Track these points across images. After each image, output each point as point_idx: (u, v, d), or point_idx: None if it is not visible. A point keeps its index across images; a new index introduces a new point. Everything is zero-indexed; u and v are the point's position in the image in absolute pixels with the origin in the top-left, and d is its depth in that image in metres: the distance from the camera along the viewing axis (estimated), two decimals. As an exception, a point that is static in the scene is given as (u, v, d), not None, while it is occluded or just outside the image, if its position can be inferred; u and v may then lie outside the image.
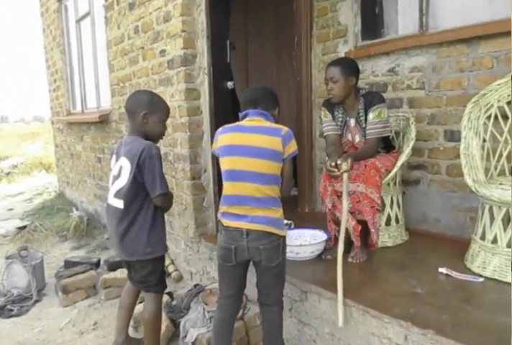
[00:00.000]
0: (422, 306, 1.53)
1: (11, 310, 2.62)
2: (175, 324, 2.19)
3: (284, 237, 1.62)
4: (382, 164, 2.10)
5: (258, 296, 1.73)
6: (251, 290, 2.17)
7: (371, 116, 2.10)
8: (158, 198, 1.71)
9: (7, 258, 2.91)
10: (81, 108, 4.74)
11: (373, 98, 2.12)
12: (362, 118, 2.16)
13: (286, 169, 1.62)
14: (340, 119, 2.26)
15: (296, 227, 2.52)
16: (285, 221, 2.59)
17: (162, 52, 2.78)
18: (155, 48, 2.87)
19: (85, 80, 4.61)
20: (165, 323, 2.14)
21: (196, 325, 2.07)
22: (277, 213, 1.60)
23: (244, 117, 1.69)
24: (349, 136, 2.27)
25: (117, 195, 1.73)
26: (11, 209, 5.72)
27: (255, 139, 1.56)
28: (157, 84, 2.90)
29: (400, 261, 2.01)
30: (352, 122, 2.22)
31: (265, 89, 1.76)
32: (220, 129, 1.69)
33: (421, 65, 2.37)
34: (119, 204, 1.72)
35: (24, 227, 4.32)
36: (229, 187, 1.60)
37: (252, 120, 1.65)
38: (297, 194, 3.31)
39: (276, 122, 1.70)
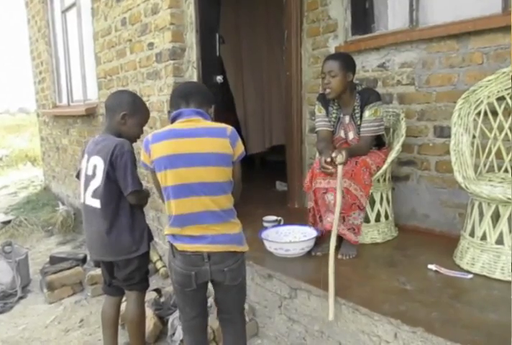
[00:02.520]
0: (412, 303, 1.53)
1: (-5, 307, 2.57)
2: (163, 322, 2.17)
3: (245, 251, 1.51)
4: (373, 161, 2.10)
5: (218, 312, 1.60)
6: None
7: (367, 113, 2.09)
8: (131, 196, 1.64)
9: (-8, 253, 2.85)
10: (67, 101, 4.64)
11: (370, 95, 2.10)
12: (358, 115, 2.14)
13: (236, 172, 1.46)
14: (334, 115, 2.23)
15: (286, 223, 2.50)
16: (275, 218, 2.60)
17: (150, 45, 2.73)
18: (143, 41, 2.81)
19: (72, 72, 4.51)
20: (152, 320, 2.12)
21: (185, 322, 2.05)
22: (237, 226, 1.48)
23: (175, 118, 1.43)
24: (342, 133, 2.25)
25: (94, 195, 1.67)
26: (-6, 203, 5.62)
27: (200, 144, 1.35)
28: (145, 78, 2.85)
29: (390, 258, 2.01)
30: (347, 119, 2.19)
31: (199, 84, 1.62)
32: (150, 137, 1.39)
33: (411, 61, 2.36)
34: (97, 204, 1.66)
35: (9, 222, 4.24)
36: (178, 206, 1.37)
37: (188, 121, 1.40)
38: (286, 189, 3.30)
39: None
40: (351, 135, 2.20)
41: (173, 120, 1.44)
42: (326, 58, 2.14)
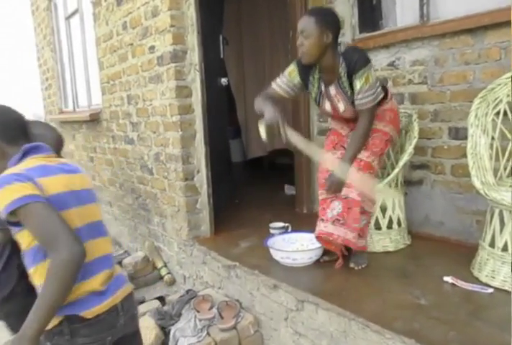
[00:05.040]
0: (427, 320, 1.41)
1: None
2: (165, 332, 2.09)
3: None
4: (375, 154, 1.87)
5: None
6: (244, 297, 2.09)
7: (358, 84, 1.75)
8: None
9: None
10: (73, 107, 4.62)
11: (355, 60, 1.74)
12: (345, 83, 1.81)
13: None
14: (315, 86, 1.91)
15: (293, 230, 2.41)
16: (282, 224, 2.50)
17: (152, 48, 2.66)
18: (144, 44, 2.74)
19: (76, 78, 4.48)
20: (154, 331, 2.05)
21: (187, 334, 1.97)
22: None
23: (28, 152, 1.13)
24: (327, 106, 1.93)
25: None
26: None
27: (84, 180, 1.21)
28: (147, 81, 2.79)
29: (403, 268, 1.89)
30: (333, 89, 1.86)
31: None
32: (33, 169, 1.07)
33: (422, 58, 2.24)
34: None
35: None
36: (93, 248, 1.11)
37: (49, 157, 1.17)
38: (294, 194, 3.19)
39: None
40: (341, 106, 1.88)
41: (26, 154, 1.13)
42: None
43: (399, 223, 2.15)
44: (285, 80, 1.93)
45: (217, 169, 2.72)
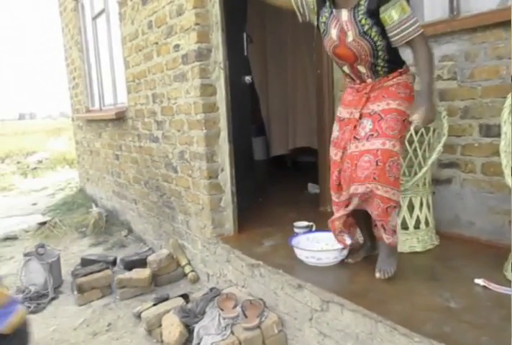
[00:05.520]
0: (457, 324, 1.37)
1: (29, 307, 2.59)
2: (189, 330, 2.10)
3: None
4: (393, 137, 1.67)
5: None
6: (268, 296, 2.08)
7: (395, 14, 1.57)
8: None
9: (25, 255, 2.91)
10: (99, 105, 4.71)
11: None
12: (363, 12, 1.62)
13: None
14: (326, 14, 1.72)
15: (318, 229, 2.38)
16: (306, 223, 2.48)
17: (176, 46, 2.68)
18: (169, 43, 2.76)
19: (103, 77, 4.57)
20: (178, 328, 2.07)
21: (211, 332, 1.98)
22: None
23: None
24: (334, 34, 1.70)
25: None
26: (34, 204, 5.82)
27: None
28: (172, 80, 2.81)
29: (431, 270, 1.85)
30: (345, 15, 1.66)
31: None
32: None
33: (452, 53, 2.17)
34: None
35: (45, 223, 4.35)
36: None
37: None
38: (318, 192, 3.16)
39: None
40: (350, 36, 1.66)
41: None
42: None
43: (427, 223, 2.09)
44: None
45: (240, 168, 2.72)
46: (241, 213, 2.70)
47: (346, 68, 1.81)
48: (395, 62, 1.75)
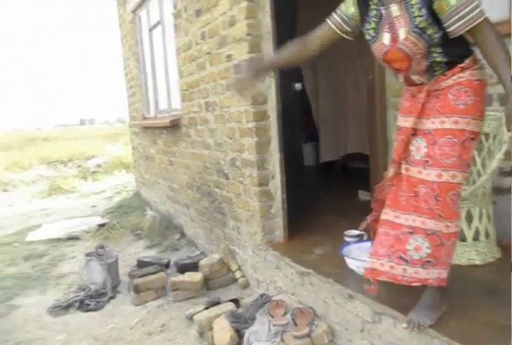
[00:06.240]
0: (520, 344, 1.30)
1: (89, 305, 2.77)
2: (239, 334, 2.14)
3: None
4: (452, 166, 1.41)
5: None
6: (318, 305, 2.07)
7: (452, 0, 1.33)
8: None
9: (86, 255, 3.10)
10: (154, 113, 4.91)
11: None
12: (416, 5, 1.39)
13: None
14: (373, 12, 1.51)
15: (369, 238, 2.34)
16: (357, 232, 2.44)
17: (228, 56, 2.75)
18: (221, 53, 2.84)
19: (158, 86, 4.76)
20: (229, 332, 2.12)
21: (261, 338, 2.00)
22: None
23: None
24: (386, 38, 1.48)
25: None
26: (94, 206, 6.17)
27: None
28: (224, 89, 2.88)
29: (492, 285, 1.76)
30: (396, 10, 1.44)
31: None
32: None
33: (515, 56, 2.06)
34: None
35: (104, 225, 4.60)
36: None
37: None
38: (370, 200, 3.10)
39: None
40: (402, 33, 1.43)
41: None
42: None
43: (487, 235, 2.00)
44: (338, 12, 1.63)
45: (290, 175, 2.74)
46: (291, 220, 2.71)
47: (399, 76, 1.66)
48: (454, 56, 1.45)
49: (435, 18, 1.39)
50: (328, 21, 1.66)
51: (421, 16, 1.39)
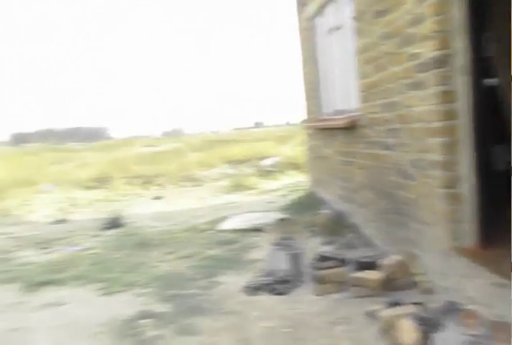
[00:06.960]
0: None
1: (276, 289, 3.07)
2: (424, 337, 2.11)
3: None
4: None
5: None
6: None
7: None
8: None
9: (274, 244, 3.44)
10: (330, 115, 5.08)
11: None
12: None
13: None
14: None
15: None
16: None
17: (412, 55, 2.70)
18: (404, 52, 2.80)
19: (333, 88, 4.92)
20: (415, 334, 2.12)
21: (450, 346, 1.94)
22: None
23: None
24: None
25: None
26: (271, 202, 6.70)
27: None
28: (407, 88, 2.84)
29: None
30: None
31: None
32: None
33: None
34: None
35: (283, 219, 4.98)
36: None
37: None
38: None
39: None
40: None
41: None
42: None
43: None
44: None
45: (480, 178, 2.53)
46: (484, 226, 2.51)
47: None
48: None
49: None
50: None
51: None
